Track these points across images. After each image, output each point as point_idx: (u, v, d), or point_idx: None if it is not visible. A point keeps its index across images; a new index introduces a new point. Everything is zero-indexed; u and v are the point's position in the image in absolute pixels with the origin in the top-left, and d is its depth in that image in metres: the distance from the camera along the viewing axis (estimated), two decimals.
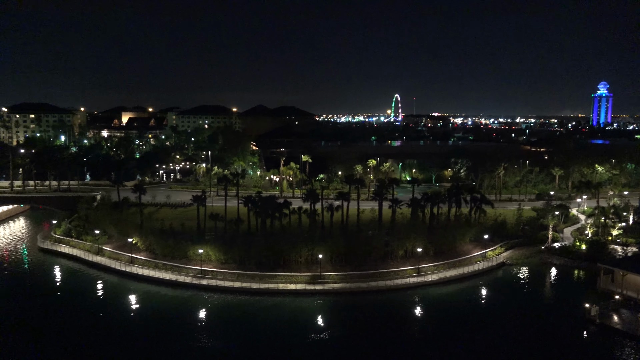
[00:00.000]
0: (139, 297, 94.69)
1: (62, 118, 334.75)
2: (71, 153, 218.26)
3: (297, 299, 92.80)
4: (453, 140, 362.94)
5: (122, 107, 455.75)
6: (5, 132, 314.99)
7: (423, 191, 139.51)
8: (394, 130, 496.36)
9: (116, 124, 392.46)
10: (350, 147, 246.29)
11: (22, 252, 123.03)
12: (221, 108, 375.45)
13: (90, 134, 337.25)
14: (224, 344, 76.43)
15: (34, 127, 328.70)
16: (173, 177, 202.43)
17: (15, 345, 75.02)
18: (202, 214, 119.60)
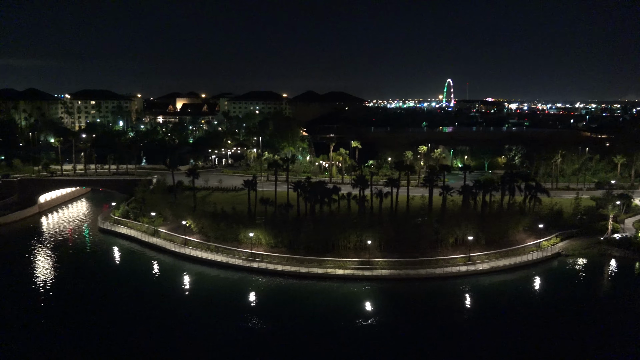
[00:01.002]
0: (192, 278, 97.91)
1: (121, 104, 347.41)
2: (129, 138, 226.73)
3: (345, 284, 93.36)
4: (507, 126, 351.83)
5: (176, 94, 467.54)
6: (69, 117, 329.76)
7: (475, 178, 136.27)
8: (445, 116, 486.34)
9: (171, 109, 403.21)
10: (401, 133, 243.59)
11: (85, 232, 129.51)
12: (272, 94, 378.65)
13: (146, 119, 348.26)
14: (272, 326, 78.05)
15: (94, 112, 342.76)
16: (225, 162, 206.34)
17: (77, 320, 79.34)
18: (252, 198, 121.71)
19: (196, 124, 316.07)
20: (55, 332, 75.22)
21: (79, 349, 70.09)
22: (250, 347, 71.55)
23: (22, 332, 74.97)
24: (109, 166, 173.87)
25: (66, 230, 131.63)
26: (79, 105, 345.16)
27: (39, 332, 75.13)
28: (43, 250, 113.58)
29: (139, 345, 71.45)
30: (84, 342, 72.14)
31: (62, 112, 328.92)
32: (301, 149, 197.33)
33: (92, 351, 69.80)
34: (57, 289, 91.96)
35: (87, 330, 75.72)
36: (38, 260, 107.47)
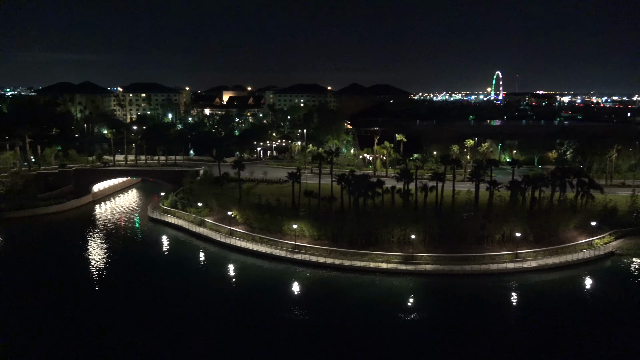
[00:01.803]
0: (237, 268, 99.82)
1: (170, 97, 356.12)
2: (177, 130, 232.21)
3: (387, 278, 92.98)
4: (559, 120, 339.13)
5: (223, 87, 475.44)
6: (121, 110, 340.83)
7: (524, 173, 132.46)
8: (493, 109, 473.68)
9: (217, 102, 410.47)
10: (447, 127, 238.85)
11: (135, 221, 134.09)
12: (316, 86, 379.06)
13: (194, 112, 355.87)
14: (315, 318, 78.66)
15: (144, 105, 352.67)
16: (269, 154, 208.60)
17: (125, 306, 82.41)
18: (296, 190, 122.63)
19: (242, 117, 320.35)
20: (106, 316, 78.38)
21: (128, 334, 72.78)
22: (293, 337, 72.42)
23: (75, 315, 78.50)
24: (159, 157, 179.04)
25: (118, 218, 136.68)
26: (131, 98, 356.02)
27: (91, 315, 78.54)
28: (96, 237, 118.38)
29: (184, 332, 73.51)
30: (133, 328, 74.86)
31: (114, 105, 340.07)
32: (345, 142, 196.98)
33: (138, 336, 72.31)
34: (109, 274, 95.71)
35: (135, 316, 78.54)
36: (92, 246, 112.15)
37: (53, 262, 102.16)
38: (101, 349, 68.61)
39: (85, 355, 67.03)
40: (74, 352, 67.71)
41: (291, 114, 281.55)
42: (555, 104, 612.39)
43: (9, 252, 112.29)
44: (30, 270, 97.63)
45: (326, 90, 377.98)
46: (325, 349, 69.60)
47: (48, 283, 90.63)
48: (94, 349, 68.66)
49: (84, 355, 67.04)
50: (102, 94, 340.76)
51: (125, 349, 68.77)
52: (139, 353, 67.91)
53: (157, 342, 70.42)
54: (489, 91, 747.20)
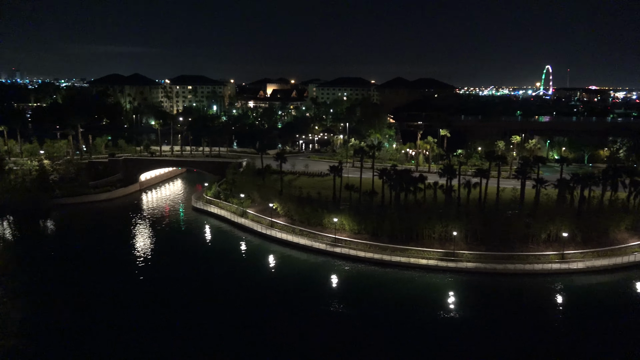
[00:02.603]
0: (277, 259, 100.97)
1: (215, 89, 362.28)
2: (221, 122, 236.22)
3: (427, 274, 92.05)
4: (612, 116, 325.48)
5: (267, 79, 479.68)
6: (168, 101, 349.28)
7: (573, 171, 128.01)
8: (542, 104, 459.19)
9: (261, 95, 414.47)
10: (492, 122, 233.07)
11: (179, 210, 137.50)
12: (360, 80, 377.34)
13: (238, 104, 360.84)
14: (354, 312, 78.75)
15: (190, 97, 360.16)
16: (311, 147, 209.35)
17: (166, 293, 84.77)
18: (338, 184, 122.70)
19: (285, 110, 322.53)
20: (149, 302, 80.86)
21: (170, 323, 74.89)
22: (331, 330, 72.78)
23: (120, 300, 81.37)
24: (203, 148, 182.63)
25: (163, 207, 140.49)
26: (177, 89, 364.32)
27: (136, 301, 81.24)
28: (142, 224, 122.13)
29: (223, 321, 75.00)
30: (175, 317, 76.94)
31: (162, 96, 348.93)
32: (388, 136, 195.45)
33: (180, 326, 74.28)
34: (153, 262, 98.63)
35: (177, 303, 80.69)
36: (138, 233, 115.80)
37: (100, 247, 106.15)
38: (141, 333, 70.88)
39: (125, 339, 69.40)
40: (115, 334, 70.25)
41: (334, 107, 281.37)
42: (609, 99, 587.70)
43: (61, 236, 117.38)
44: (80, 253, 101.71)
45: (370, 83, 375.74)
46: (363, 343, 69.65)
47: (95, 267, 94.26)
48: (133, 333, 70.99)
49: (123, 338, 69.42)
50: (150, 86, 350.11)
51: (165, 334, 70.80)
52: (180, 339, 69.73)
53: (197, 330, 72.13)
54: (538, 86, 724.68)
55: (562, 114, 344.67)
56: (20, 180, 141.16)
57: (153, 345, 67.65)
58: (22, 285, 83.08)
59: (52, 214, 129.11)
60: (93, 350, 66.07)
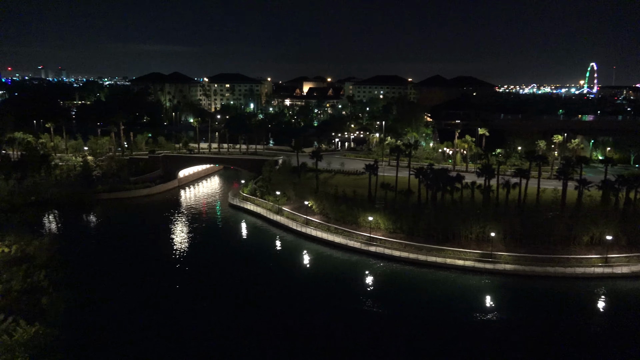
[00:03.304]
0: (312, 257, 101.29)
1: (252, 87, 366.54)
2: (258, 120, 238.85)
3: (463, 275, 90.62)
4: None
5: (303, 78, 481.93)
6: (206, 99, 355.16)
7: (618, 173, 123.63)
8: (586, 103, 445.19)
9: (298, 93, 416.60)
10: (533, 121, 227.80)
11: (216, 206, 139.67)
12: (397, 78, 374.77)
13: (274, 102, 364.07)
14: (388, 311, 78.29)
15: (228, 95, 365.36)
16: (347, 146, 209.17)
17: (202, 287, 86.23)
18: (373, 182, 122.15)
19: (321, 108, 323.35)
20: (184, 296, 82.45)
21: (204, 318, 76.16)
22: (365, 329, 72.57)
23: (157, 293, 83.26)
24: (240, 146, 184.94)
25: (200, 203, 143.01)
26: (215, 88, 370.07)
27: (172, 294, 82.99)
28: (180, 220, 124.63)
29: (259, 319, 75.75)
30: (209, 312, 78.20)
31: (200, 95, 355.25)
32: (424, 135, 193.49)
33: (214, 321, 75.44)
34: (189, 256, 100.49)
35: (212, 297, 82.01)
36: (175, 228, 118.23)
37: (140, 241, 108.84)
38: (174, 326, 72.33)
39: (160, 331, 70.95)
40: (151, 326, 71.91)
41: (370, 105, 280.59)
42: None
43: (103, 230, 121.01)
44: (120, 247, 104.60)
45: (407, 82, 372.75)
46: (397, 343, 69.15)
47: (134, 261, 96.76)
48: (168, 326, 72.51)
49: (159, 331, 70.99)
50: (189, 84, 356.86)
51: (198, 329, 72.05)
52: (214, 333, 70.84)
53: (230, 325, 73.12)
54: (582, 84, 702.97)
55: (607, 113, 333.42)
56: (65, 176, 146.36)
57: (187, 339, 68.93)
58: (66, 277, 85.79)
59: (95, 208, 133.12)
60: (131, 341, 67.83)
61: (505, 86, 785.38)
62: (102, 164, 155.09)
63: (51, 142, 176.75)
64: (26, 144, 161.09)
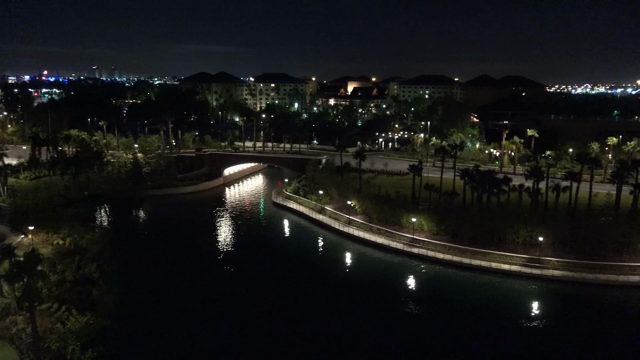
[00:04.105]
0: (354, 257, 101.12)
1: (296, 87, 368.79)
2: (302, 119, 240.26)
3: (509, 280, 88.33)
4: None
5: (348, 77, 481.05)
6: (251, 98, 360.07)
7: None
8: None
9: (342, 93, 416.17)
10: (586, 122, 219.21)
11: (260, 204, 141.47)
12: (443, 78, 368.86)
13: (319, 101, 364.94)
14: (429, 314, 77.26)
15: (273, 94, 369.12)
16: (391, 146, 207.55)
17: (245, 283, 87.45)
18: (417, 183, 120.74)
19: (365, 107, 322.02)
20: (226, 292, 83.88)
21: (244, 315, 77.26)
22: (406, 332, 71.87)
23: (202, 287, 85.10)
24: (284, 145, 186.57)
25: (245, 201, 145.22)
26: (261, 87, 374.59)
27: (217, 288, 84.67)
28: (225, 216, 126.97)
29: (299, 317, 76.21)
30: (250, 309, 79.26)
31: (246, 94, 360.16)
32: (471, 136, 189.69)
33: (256, 313, 76.39)
34: (233, 253, 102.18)
35: (255, 294, 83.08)
36: (220, 225, 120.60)
37: (186, 236, 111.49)
38: (218, 319, 73.65)
39: (204, 323, 72.43)
40: (196, 318, 73.55)
41: (415, 105, 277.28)
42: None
43: (151, 225, 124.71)
44: (167, 242, 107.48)
45: (453, 81, 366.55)
46: (438, 348, 68.15)
47: (181, 255, 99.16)
48: (212, 317, 73.94)
49: (203, 322, 72.49)
50: (235, 84, 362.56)
51: (239, 324, 73.14)
52: (254, 329, 71.76)
53: (270, 323, 73.89)
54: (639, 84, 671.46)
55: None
56: (116, 172, 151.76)
57: (228, 333, 70.12)
58: (116, 269, 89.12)
59: (144, 204, 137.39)
60: (179, 332, 69.60)
61: (557, 86, 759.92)
62: (151, 161, 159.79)
63: (104, 140, 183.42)
64: (81, 141, 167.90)
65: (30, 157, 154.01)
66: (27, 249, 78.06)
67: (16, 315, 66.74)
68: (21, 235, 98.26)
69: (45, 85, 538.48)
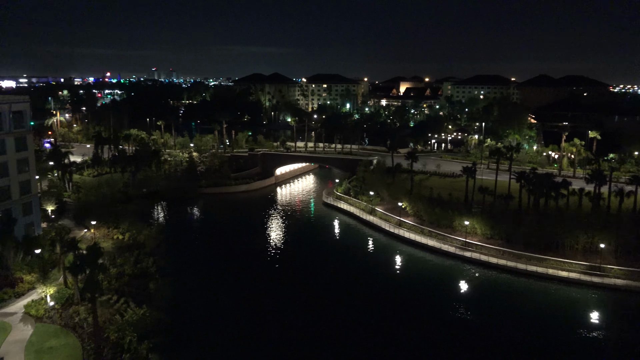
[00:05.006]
0: (404, 259, 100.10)
1: (348, 88, 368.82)
2: (354, 120, 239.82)
3: (566, 287, 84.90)
4: None
5: (400, 77, 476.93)
6: (303, 99, 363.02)
7: None
8: None
9: (394, 93, 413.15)
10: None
11: (311, 204, 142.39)
12: (498, 78, 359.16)
13: (370, 102, 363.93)
14: (482, 320, 75.35)
15: (325, 95, 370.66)
16: (444, 147, 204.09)
17: (295, 281, 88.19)
18: (470, 185, 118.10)
19: (418, 108, 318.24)
20: (277, 289, 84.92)
21: (298, 310, 77.92)
22: (459, 336, 70.49)
23: (253, 283, 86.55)
24: (335, 145, 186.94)
25: (295, 201, 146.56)
26: (313, 88, 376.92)
27: (266, 285, 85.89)
28: (276, 215, 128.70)
29: (349, 318, 76.14)
30: (299, 307, 79.88)
31: (298, 95, 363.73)
32: (528, 138, 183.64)
33: (304, 314, 76.88)
34: (284, 252, 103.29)
35: (304, 292, 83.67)
36: (271, 223, 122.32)
37: (238, 234, 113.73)
38: (267, 316, 74.64)
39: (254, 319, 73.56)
40: (247, 314, 74.82)
41: (469, 106, 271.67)
42: None
43: (205, 222, 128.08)
44: (220, 238, 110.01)
45: (509, 81, 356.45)
46: (491, 355, 66.35)
47: (233, 251, 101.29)
48: (260, 314, 74.99)
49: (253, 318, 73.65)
50: (288, 84, 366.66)
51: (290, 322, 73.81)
52: (304, 327, 72.27)
53: (320, 323, 74.19)
54: None
55: None
56: (172, 170, 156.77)
57: (278, 330, 70.95)
58: (171, 264, 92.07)
59: (198, 201, 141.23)
60: (230, 327, 71.14)
61: (621, 85, 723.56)
62: (205, 160, 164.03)
63: (161, 139, 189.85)
64: (140, 140, 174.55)
65: (93, 155, 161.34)
66: (90, 243, 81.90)
67: (79, 305, 70.11)
68: (84, 230, 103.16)
69: (108, 86, 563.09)
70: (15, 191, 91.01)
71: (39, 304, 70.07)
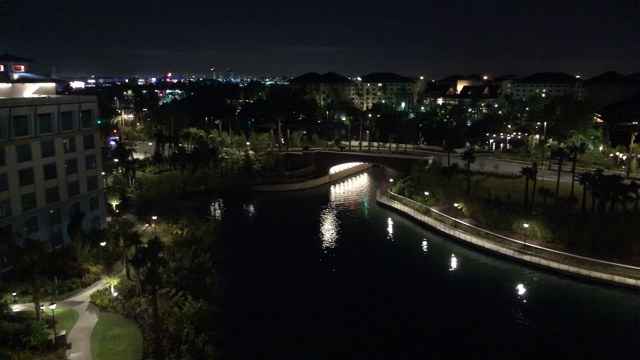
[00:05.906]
0: (459, 261, 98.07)
1: (404, 86, 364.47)
2: (409, 119, 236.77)
3: (634, 296, 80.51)
4: None
5: (457, 76, 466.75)
6: (358, 98, 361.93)
7: None
8: None
9: (451, 92, 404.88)
10: None
11: (364, 203, 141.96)
12: (562, 75, 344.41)
13: (426, 101, 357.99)
14: (541, 327, 72.53)
15: (380, 94, 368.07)
16: (502, 147, 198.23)
17: (350, 279, 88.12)
18: (530, 187, 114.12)
19: (475, 107, 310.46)
20: (328, 287, 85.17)
21: (349, 309, 77.91)
22: (517, 344, 68.33)
23: (304, 281, 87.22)
24: (390, 145, 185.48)
25: (349, 200, 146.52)
26: (368, 87, 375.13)
27: (318, 283, 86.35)
28: (330, 214, 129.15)
29: (403, 320, 75.40)
30: (344, 307, 79.79)
31: (353, 94, 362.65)
32: (593, 138, 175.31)
33: (355, 314, 76.74)
34: (336, 251, 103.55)
35: (358, 291, 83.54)
36: (325, 222, 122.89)
37: (292, 231, 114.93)
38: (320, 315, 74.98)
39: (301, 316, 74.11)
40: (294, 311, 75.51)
41: (530, 105, 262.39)
42: None
43: (261, 219, 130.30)
44: (274, 236, 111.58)
45: (574, 79, 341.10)
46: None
47: (287, 248, 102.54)
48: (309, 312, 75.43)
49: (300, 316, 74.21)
50: (343, 83, 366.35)
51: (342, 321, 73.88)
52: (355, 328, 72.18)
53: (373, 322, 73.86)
54: None
55: None
56: (229, 168, 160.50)
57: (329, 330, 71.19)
58: (227, 259, 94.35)
59: (254, 199, 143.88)
60: (283, 323, 72.15)
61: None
62: (261, 158, 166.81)
63: (219, 137, 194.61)
64: (198, 138, 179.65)
65: (155, 152, 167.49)
66: (150, 237, 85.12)
67: (140, 296, 73.05)
68: (146, 224, 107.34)
69: (169, 86, 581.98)
70: (84, 186, 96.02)
71: (103, 294, 73.62)
